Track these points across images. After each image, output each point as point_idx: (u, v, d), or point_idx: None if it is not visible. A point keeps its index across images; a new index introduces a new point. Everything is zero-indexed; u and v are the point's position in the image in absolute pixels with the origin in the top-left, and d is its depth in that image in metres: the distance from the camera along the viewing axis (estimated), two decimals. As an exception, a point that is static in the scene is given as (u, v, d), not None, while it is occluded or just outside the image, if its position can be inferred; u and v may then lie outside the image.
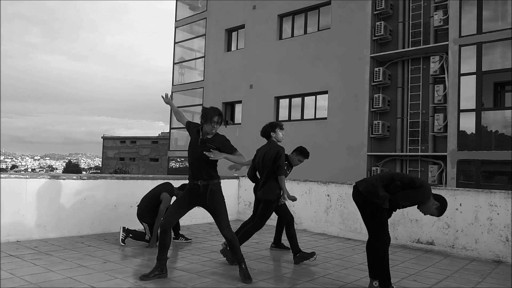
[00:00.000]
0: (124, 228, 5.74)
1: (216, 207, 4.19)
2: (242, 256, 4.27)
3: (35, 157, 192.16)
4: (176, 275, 4.31)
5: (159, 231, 4.26)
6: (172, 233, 6.27)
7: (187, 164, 4.52)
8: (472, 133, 11.61)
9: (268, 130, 5.21)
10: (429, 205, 3.90)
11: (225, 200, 4.28)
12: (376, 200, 3.83)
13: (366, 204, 3.94)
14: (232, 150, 4.12)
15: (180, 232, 6.27)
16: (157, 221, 5.71)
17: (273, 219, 6.27)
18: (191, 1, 21.68)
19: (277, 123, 5.33)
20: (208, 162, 4.07)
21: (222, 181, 4.28)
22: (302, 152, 5.60)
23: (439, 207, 3.91)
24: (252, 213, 5.57)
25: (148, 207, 5.80)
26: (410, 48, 13.22)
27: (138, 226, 6.15)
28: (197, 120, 4.48)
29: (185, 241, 6.14)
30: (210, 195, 4.14)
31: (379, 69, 13.51)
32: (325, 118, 14.88)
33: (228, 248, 4.64)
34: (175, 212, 4.22)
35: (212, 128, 4.08)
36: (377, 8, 13.80)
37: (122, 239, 5.67)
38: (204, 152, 3.98)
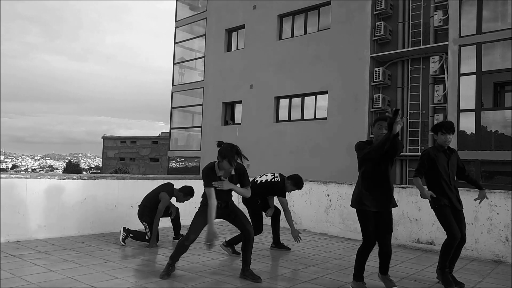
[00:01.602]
0: (124, 228, 5.76)
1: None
2: (250, 258, 4.37)
3: (35, 157, 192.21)
4: (177, 275, 4.32)
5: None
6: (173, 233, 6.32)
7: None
8: (472, 133, 11.62)
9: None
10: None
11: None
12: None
13: None
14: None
15: (181, 232, 6.27)
16: (155, 220, 5.74)
17: (268, 218, 6.27)
18: (191, 1, 21.68)
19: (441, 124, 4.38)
20: None
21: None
22: (296, 184, 5.66)
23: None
24: None
25: (147, 206, 5.83)
26: (410, 48, 13.23)
27: (138, 226, 6.16)
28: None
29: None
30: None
31: (379, 69, 13.52)
32: (325, 118, 14.88)
33: None
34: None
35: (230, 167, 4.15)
36: (377, 8, 13.81)
37: (122, 238, 5.69)
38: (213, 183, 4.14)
